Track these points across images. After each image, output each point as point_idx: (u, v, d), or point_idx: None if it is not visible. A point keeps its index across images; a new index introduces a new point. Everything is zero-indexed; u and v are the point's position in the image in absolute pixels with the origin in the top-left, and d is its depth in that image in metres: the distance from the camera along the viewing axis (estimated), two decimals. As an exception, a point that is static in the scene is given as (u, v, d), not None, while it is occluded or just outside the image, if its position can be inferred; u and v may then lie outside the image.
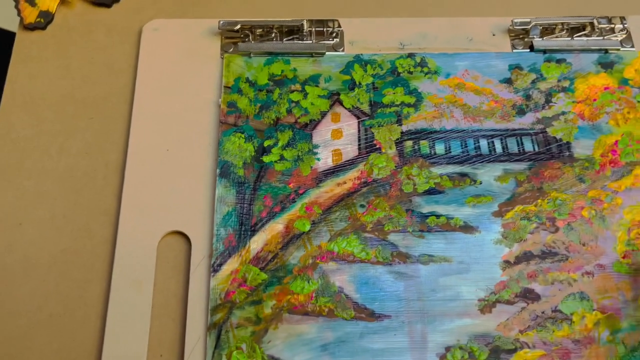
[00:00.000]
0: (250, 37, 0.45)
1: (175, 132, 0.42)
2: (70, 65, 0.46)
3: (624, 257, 0.38)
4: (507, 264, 0.38)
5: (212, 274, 0.38)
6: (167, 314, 0.37)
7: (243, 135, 0.42)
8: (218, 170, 0.41)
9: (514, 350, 0.36)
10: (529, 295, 0.37)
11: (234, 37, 0.46)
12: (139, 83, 0.44)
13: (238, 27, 0.45)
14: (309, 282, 0.38)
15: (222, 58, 0.45)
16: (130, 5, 0.48)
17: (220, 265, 0.38)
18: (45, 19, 0.47)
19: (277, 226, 0.39)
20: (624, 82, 0.44)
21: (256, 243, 0.39)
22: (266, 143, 0.42)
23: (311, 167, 0.41)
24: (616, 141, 0.42)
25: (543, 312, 0.37)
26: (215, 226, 0.39)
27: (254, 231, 0.39)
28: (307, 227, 0.39)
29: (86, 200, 0.41)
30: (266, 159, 0.41)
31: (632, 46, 0.45)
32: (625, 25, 0.46)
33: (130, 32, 0.47)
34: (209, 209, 0.40)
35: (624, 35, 0.46)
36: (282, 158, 0.41)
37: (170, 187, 0.41)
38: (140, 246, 0.39)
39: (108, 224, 0.40)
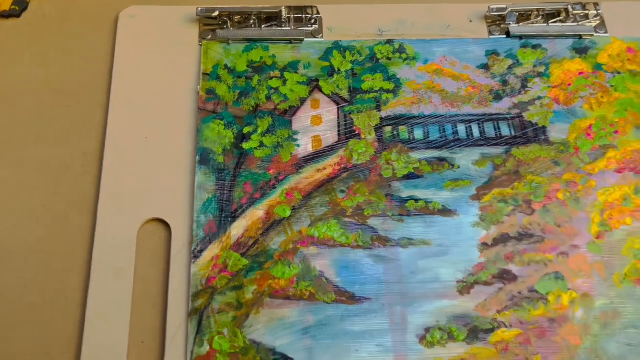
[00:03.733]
0: (229, 24, 0.45)
1: (153, 120, 0.42)
2: (46, 54, 0.45)
3: (597, 238, 0.39)
4: (484, 246, 0.39)
5: (193, 260, 0.38)
6: (148, 301, 0.37)
7: (222, 122, 0.42)
8: (198, 157, 0.40)
9: (492, 330, 0.37)
10: (506, 276, 0.38)
11: (212, 24, 0.45)
12: (116, 70, 0.44)
13: (216, 13, 0.45)
14: (290, 266, 0.38)
15: (201, 45, 0.45)
16: (107, -8, 0.47)
17: (201, 251, 0.38)
18: (20, 7, 0.46)
19: (257, 212, 0.39)
20: (598, 67, 0.45)
21: (237, 229, 0.39)
22: (246, 130, 0.42)
23: (291, 153, 0.41)
24: (590, 125, 0.43)
25: (520, 293, 0.38)
26: (196, 213, 0.39)
27: (234, 217, 0.39)
28: (288, 213, 0.39)
29: (64, 189, 0.40)
30: (246, 145, 0.41)
31: (606, 32, 0.46)
32: (599, 12, 0.47)
33: (107, 19, 0.46)
34: (189, 196, 0.40)
35: (598, 22, 0.46)
36: (262, 145, 0.41)
37: (149, 175, 0.40)
38: (119, 234, 0.39)
39: (87, 213, 0.40)
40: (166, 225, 0.39)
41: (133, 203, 0.40)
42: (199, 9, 0.45)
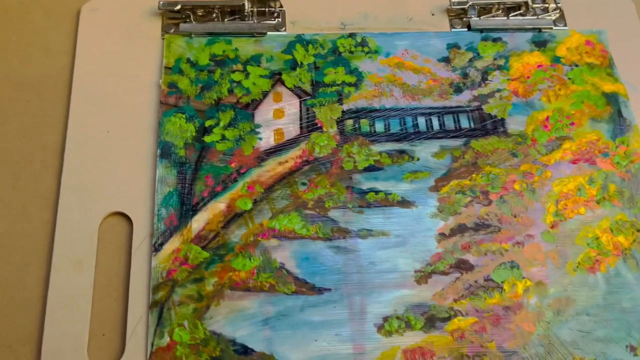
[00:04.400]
0: (192, 18, 0.45)
1: (115, 114, 0.42)
2: (7, 48, 0.45)
3: (552, 227, 0.40)
4: (442, 236, 0.40)
5: (154, 253, 0.38)
6: (109, 294, 0.38)
7: (184, 116, 0.42)
8: (159, 151, 0.41)
9: (449, 318, 0.37)
10: (462, 266, 0.39)
11: (175, 17, 0.45)
12: (78, 64, 0.44)
13: (178, 7, 0.45)
14: (250, 259, 0.38)
15: (163, 39, 0.45)
16: (68, -15, 0.47)
17: (162, 244, 0.38)
18: (-20, 0, 0.46)
19: (218, 205, 0.40)
20: (556, 60, 0.46)
21: (198, 222, 0.39)
22: (207, 123, 0.42)
23: (253, 146, 0.42)
24: (547, 117, 0.44)
25: (476, 281, 0.39)
26: (157, 206, 0.39)
27: (195, 210, 0.39)
28: (249, 206, 0.40)
29: (24, 183, 0.40)
30: (208, 139, 0.41)
31: (565, 25, 0.47)
32: (558, 5, 0.47)
33: (69, 13, 0.46)
34: (150, 190, 0.40)
35: (557, 15, 0.47)
36: (223, 138, 0.42)
37: (111, 169, 0.40)
38: (81, 228, 0.39)
39: (47, 207, 0.40)
40: (127, 218, 0.39)
41: (94, 197, 0.40)
42: (161, 2, 0.45)
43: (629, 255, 0.40)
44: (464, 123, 0.43)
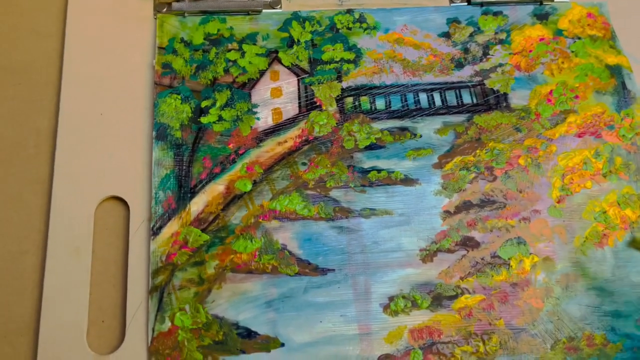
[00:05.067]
0: (184, -4, 0.44)
1: (108, 96, 0.41)
2: (-6, 31, 0.43)
3: (558, 202, 0.39)
4: (447, 213, 0.39)
5: (152, 237, 0.37)
6: (107, 280, 0.37)
7: (179, 97, 0.41)
8: (154, 133, 0.39)
9: (455, 297, 0.37)
10: (468, 243, 0.38)
11: (167, -4, 0.44)
12: (68, 46, 0.42)
13: (170, -15, 0.43)
14: (251, 241, 0.37)
15: (156, 18, 0.43)
16: (56, -35, 0.46)
17: (160, 228, 0.37)
18: (-36, -18, 0.44)
19: (217, 187, 0.39)
20: (559, 32, 0.45)
21: (196, 205, 0.38)
22: (203, 104, 0.41)
23: (251, 126, 0.41)
24: (551, 90, 0.43)
25: (482, 259, 0.38)
26: (154, 189, 0.38)
27: (193, 193, 0.38)
28: (249, 187, 0.39)
29: (17, 169, 0.39)
30: (204, 120, 0.40)
31: (566, -3, 0.46)
32: (559, -23, 0.46)
33: (57, -7, 0.45)
34: (147, 173, 0.39)
35: (559, -13, 0.46)
36: (220, 119, 0.41)
37: (105, 152, 0.39)
38: (76, 213, 0.38)
39: (42, 193, 0.38)
40: (124, 202, 0.38)
41: (89, 181, 0.38)
42: (153, -20, 0.43)
43: (636, 228, 0.39)
44: (466, 98, 0.42)
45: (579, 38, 0.45)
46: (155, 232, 0.37)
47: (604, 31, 0.45)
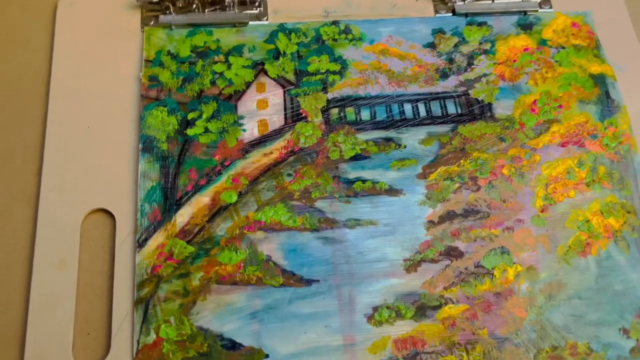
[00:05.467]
0: (172, 9, 0.44)
1: (95, 109, 0.41)
2: (-17, 44, 0.44)
3: (542, 211, 0.40)
4: (431, 223, 0.39)
5: (138, 249, 0.37)
6: (93, 292, 0.37)
7: (165, 109, 0.41)
8: (140, 145, 0.40)
9: (439, 306, 0.37)
10: (452, 253, 0.38)
11: (154, 9, 0.44)
12: (56, 59, 0.43)
13: (157, -1, 0.44)
14: (236, 252, 0.38)
15: (143, 31, 0.44)
16: (45, -21, 0.46)
17: (146, 240, 0.37)
18: (-46, -3, 0.45)
19: (203, 199, 0.39)
20: (543, 42, 0.45)
21: (182, 216, 0.38)
22: (190, 116, 0.41)
23: (237, 138, 0.41)
24: (535, 100, 0.43)
25: (466, 268, 0.38)
26: (140, 201, 0.38)
27: (179, 205, 0.39)
28: (234, 199, 0.39)
29: (4, 182, 0.39)
30: (190, 132, 0.41)
31: (550, 7, 0.46)
32: (543, -13, 0.47)
33: (46, 7, 0.45)
34: (133, 185, 0.39)
35: (543, -3, 0.47)
36: (206, 130, 0.41)
37: (92, 165, 0.40)
38: (63, 226, 0.38)
39: (28, 206, 0.39)
40: (110, 215, 0.39)
41: (76, 194, 0.39)
42: (140, -6, 0.44)
43: (619, 237, 0.39)
44: (451, 109, 0.43)
45: (563, 48, 0.45)
46: (140, 244, 0.37)
47: (589, 40, 0.45)
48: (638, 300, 0.37)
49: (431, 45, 0.45)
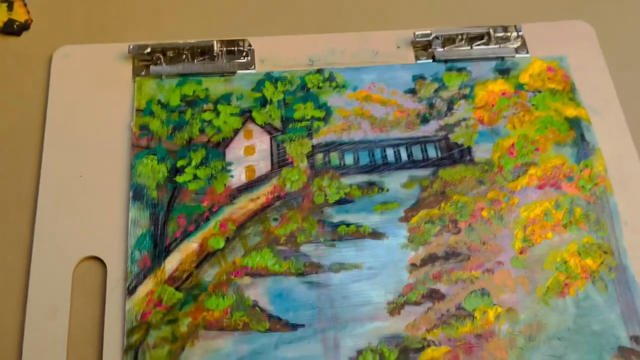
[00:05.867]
0: (162, 60, 0.46)
1: (88, 158, 0.43)
2: (-20, 95, 0.45)
3: (520, 253, 0.41)
4: (413, 266, 0.40)
5: (128, 296, 0.38)
6: (84, 339, 0.38)
7: (155, 157, 0.43)
8: (131, 193, 0.41)
9: (422, 349, 0.38)
10: (434, 295, 0.39)
11: (145, 60, 0.46)
12: (50, 110, 0.44)
13: (148, 50, 0.46)
14: (223, 298, 0.39)
15: (134, 82, 0.46)
16: (40, 32, 0.48)
17: (136, 287, 0.39)
18: (-47, 50, 0.46)
19: (191, 245, 0.40)
20: (520, 87, 0.47)
21: (171, 263, 0.39)
22: (179, 163, 0.43)
23: (225, 184, 0.42)
24: (513, 143, 0.45)
25: (448, 311, 0.39)
26: (130, 249, 0.39)
27: (168, 251, 0.40)
28: (222, 244, 0.40)
29: (-1, 231, 0.41)
30: (180, 179, 0.42)
31: (527, 52, 0.48)
32: (519, 33, 0.49)
33: (41, 59, 0.47)
34: (124, 232, 0.40)
35: (519, 43, 0.49)
36: (195, 177, 0.42)
37: (84, 213, 0.41)
38: (55, 273, 0.39)
39: (21, 254, 0.40)
40: (102, 262, 0.40)
41: (68, 242, 0.40)
42: (131, 46, 0.46)
43: (597, 277, 0.40)
44: (432, 153, 0.44)
45: (539, 92, 0.47)
46: (130, 291, 0.38)
47: (564, 84, 0.47)
48: (616, 340, 0.38)
49: (412, 91, 0.46)
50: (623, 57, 0.49)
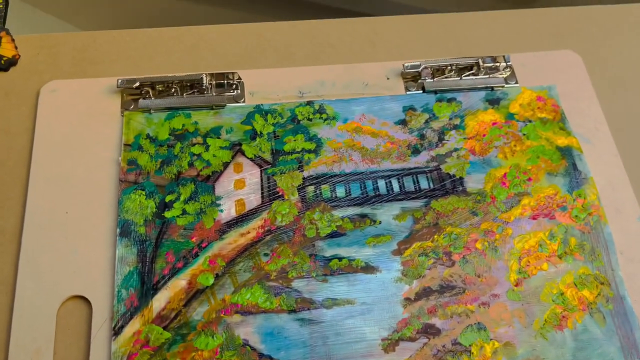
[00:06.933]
0: (151, 93, 0.46)
1: (74, 194, 0.42)
2: (-34, 131, 0.45)
3: (516, 285, 0.40)
4: (407, 301, 0.39)
5: (113, 337, 0.37)
6: (67, 383, 0.36)
7: (144, 192, 0.42)
8: (118, 230, 0.40)
9: (418, 387, 0.37)
10: (429, 330, 0.38)
11: (134, 94, 0.46)
12: (37, 145, 0.44)
13: (137, 84, 0.45)
14: (213, 337, 0.37)
15: (123, 116, 0.45)
16: (28, 67, 0.48)
17: (122, 327, 0.37)
18: (-61, 86, 0.46)
19: (179, 282, 0.39)
20: (510, 116, 0.47)
21: (158, 301, 0.38)
22: (168, 198, 0.42)
23: (214, 219, 0.42)
24: (505, 173, 0.44)
25: (444, 346, 0.38)
26: (116, 287, 0.38)
27: (156, 289, 0.39)
28: (211, 281, 0.39)
29: (-19, 270, 0.40)
30: (168, 214, 0.41)
31: (516, 82, 0.48)
32: (508, 63, 0.49)
33: (28, 94, 0.46)
34: (110, 270, 0.39)
35: (508, 73, 0.49)
36: (184, 212, 0.42)
37: (69, 251, 0.40)
38: (38, 314, 0.38)
39: (5, 294, 0.39)
40: (87, 301, 0.39)
41: (53, 280, 0.39)
42: (119, 80, 0.45)
43: (595, 309, 0.39)
44: (424, 184, 0.44)
45: (530, 121, 0.47)
46: (116, 331, 0.37)
47: (554, 113, 0.47)
48: (616, 374, 0.37)
49: (403, 122, 0.46)
50: (611, 84, 0.50)
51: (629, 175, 0.45)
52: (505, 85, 0.48)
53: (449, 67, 0.49)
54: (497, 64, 0.49)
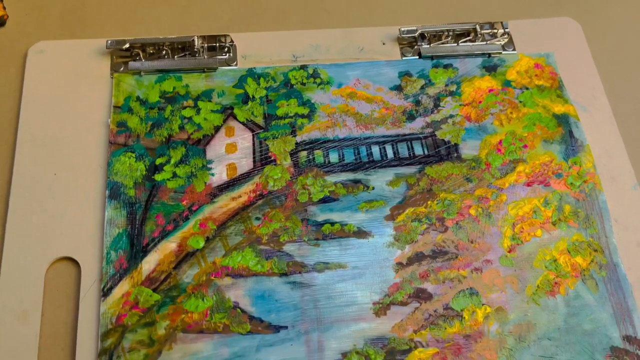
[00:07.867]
0: (141, 55, 0.45)
1: (63, 156, 0.41)
2: (-48, 92, 0.44)
3: (509, 251, 0.40)
4: (399, 265, 0.39)
5: (102, 298, 0.37)
6: (56, 343, 0.36)
7: (133, 155, 0.41)
8: (107, 192, 0.40)
9: (409, 350, 0.37)
10: (421, 295, 0.38)
11: (124, 56, 0.45)
12: (24, 107, 0.43)
13: (127, 45, 0.44)
14: (203, 299, 0.37)
15: (112, 78, 0.44)
16: (16, 28, 0.46)
17: (111, 289, 0.37)
18: None
19: (169, 245, 0.39)
20: (507, 83, 0.46)
21: (148, 264, 0.38)
22: (158, 161, 0.41)
23: (205, 182, 0.41)
24: (500, 140, 0.44)
25: (435, 311, 0.38)
26: (105, 249, 0.38)
27: (145, 252, 0.38)
28: (201, 244, 0.39)
29: (-32, 231, 0.39)
30: (158, 177, 0.41)
31: (514, 49, 0.48)
32: (506, 30, 0.48)
33: (16, 55, 0.45)
34: (99, 232, 0.39)
35: (506, 40, 0.48)
36: (174, 175, 0.41)
37: (58, 212, 0.39)
38: (26, 275, 0.37)
39: (-8, 255, 0.38)
40: (76, 263, 0.38)
41: (41, 242, 0.38)
42: (109, 41, 0.44)
43: (587, 276, 0.39)
44: (418, 150, 0.43)
45: (527, 88, 0.46)
46: (105, 293, 0.37)
47: (552, 81, 0.46)
48: (608, 339, 0.37)
49: (398, 88, 0.46)
50: (610, 53, 0.49)
51: (625, 144, 0.44)
52: (503, 52, 0.47)
53: (446, 33, 0.48)
54: (495, 31, 0.48)
